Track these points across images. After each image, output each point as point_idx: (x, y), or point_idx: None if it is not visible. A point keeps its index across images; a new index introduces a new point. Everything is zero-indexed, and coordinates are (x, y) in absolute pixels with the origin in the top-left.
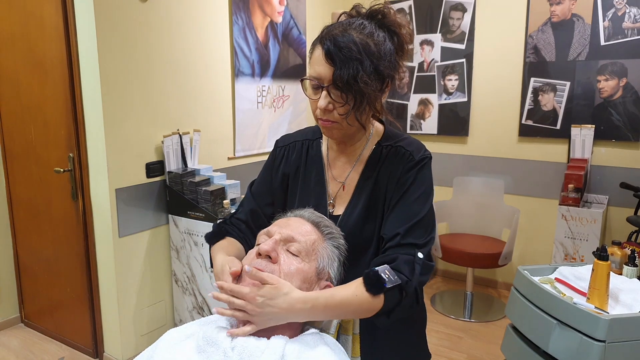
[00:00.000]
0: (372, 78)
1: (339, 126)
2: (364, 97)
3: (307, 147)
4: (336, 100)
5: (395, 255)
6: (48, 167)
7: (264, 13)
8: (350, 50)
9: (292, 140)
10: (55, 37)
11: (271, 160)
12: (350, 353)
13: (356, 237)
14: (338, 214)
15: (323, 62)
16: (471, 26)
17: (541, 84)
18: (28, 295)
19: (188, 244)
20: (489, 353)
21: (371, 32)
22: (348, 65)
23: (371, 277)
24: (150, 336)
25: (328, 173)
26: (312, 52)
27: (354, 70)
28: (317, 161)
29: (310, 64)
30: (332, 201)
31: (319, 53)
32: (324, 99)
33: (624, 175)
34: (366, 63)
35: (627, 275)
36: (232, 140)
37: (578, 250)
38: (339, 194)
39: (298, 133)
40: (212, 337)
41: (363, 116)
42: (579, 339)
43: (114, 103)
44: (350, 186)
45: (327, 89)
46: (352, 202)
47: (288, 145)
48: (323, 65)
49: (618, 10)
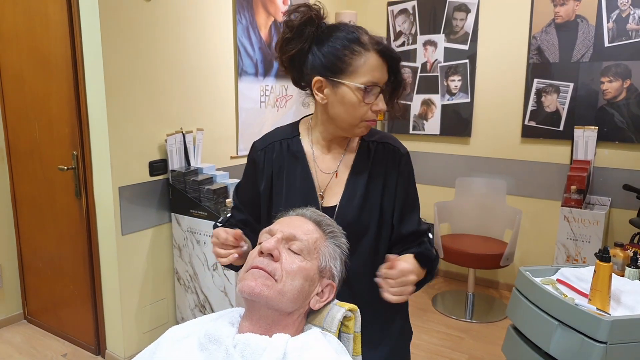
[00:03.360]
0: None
1: (375, 124)
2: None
3: (287, 145)
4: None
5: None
6: (52, 164)
7: (268, 12)
8: (399, 59)
9: (271, 141)
10: (60, 35)
11: (252, 165)
12: (351, 352)
13: (355, 225)
14: (329, 205)
15: (382, 68)
16: (474, 27)
17: (544, 85)
18: (31, 292)
19: (190, 242)
20: (490, 354)
21: None
22: (399, 70)
23: (424, 253)
24: (152, 334)
25: (314, 167)
26: (363, 57)
27: (402, 74)
28: (300, 157)
29: (362, 71)
30: (321, 193)
31: (375, 60)
32: (382, 101)
33: (627, 177)
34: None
35: (629, 277)
36: (235, 139)
37: (580, 252)
38: (328, 186)
39: (273, 134)
40: (214, 334)
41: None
42: (581, 340)
43: (118, 101)
44: (341, 178)
45: (382, 93)
46: (346, 193)
47: (266, 147)
48: (380, 71)
49: (622, 12)
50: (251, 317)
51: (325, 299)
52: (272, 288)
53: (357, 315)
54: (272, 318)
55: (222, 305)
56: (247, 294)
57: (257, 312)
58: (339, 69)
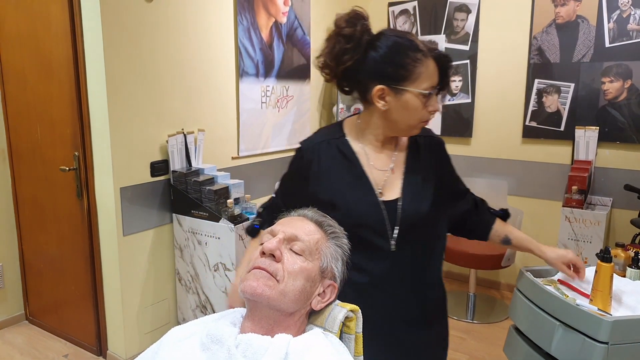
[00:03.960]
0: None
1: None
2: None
3: (336, 145)
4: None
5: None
6: (53, 165)
7: (269, 13)
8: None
9: (318, 141)
10: (62, 36)
11: (300, 164)
12: (353, 352)
13: (419, 215)
14: (390, 199)
15: (436, 71)
16: (475, 27)
17: (545, 86)
18: (33, 293)
19: (192, 243)
20: (491, 354)
21: None
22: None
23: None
24: (153, 334)
25: (367, 166)
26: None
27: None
28: (350, 157)
29: (424, 77)
30: (380, 190)
31: (432, 65)
32: (437, 102)
33: (628, 177)
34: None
35: (631, 277)
36: (236, 140)
37: (582, 252)
38: (385, 183)
39: (319, 134)
40: (216, 334)
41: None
42: (582, 341)
43: (120, 102)
44: (397, 173)
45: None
46: (406, 186)
47: (314, 145)
48: (436, 75)
49: (623, 12)
50: (253, 318)
51: (326, 299)
52: (273, 288)
53: (358, 316)
54: (274, 318)
55: (224, 306)
56: (249, 294)
57: (259, 313)
58: (403, 77)
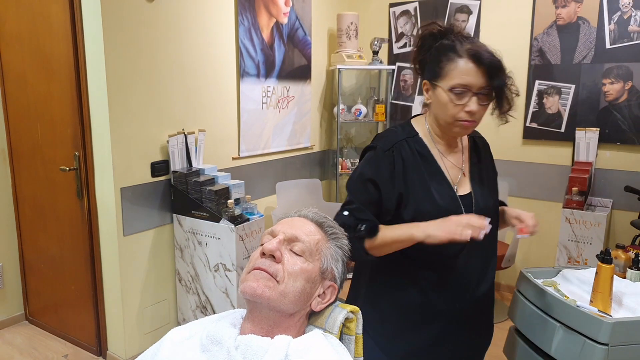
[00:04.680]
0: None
1: (475, 125)
2: (505, 99)
3: (412, 144)
4: (482, 103)
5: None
6: (54, 165)
7: (270, 14)
8: (499, 64)
9: (395, 141)
10: (62, 36)
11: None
12: (353, 353)
13: (488, 209)
14: (464, 194)
15: (474, 73)
16: (476, 28)
17: (546, 87)
18: (33, 293)
19: (192, 243)
20: (491, 355)
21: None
22: (498, 76)
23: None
24: (153, 334)
25: (442, 163)
26: (454, 63)
27: (502, 80)
28: (427, 155)
29: (452, 75)
30: (455, 186)
31: (468, 65)
32: (474, 103)
33: (629, 179)
34: (507, 73)
35: (631, 278)
36: (236, 141)
37: (582, 254)
38: (460, 178)
39: (391, 136)
40: (215, 336)
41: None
42: (582, 342)
43: (120, 102)
44: (465, 170)
45: (477, 95)
46: (473, 183)
47: (393, 146)
48: (474, 76)
49: (624, 14)
50: (253, 319)
51: (326, 300)
52: (273, 289)
53: (358, 317)
54: (274, 319)
55: (224, 307)
56: (249, 295)
57: (259, 314)
58: (436, 73)
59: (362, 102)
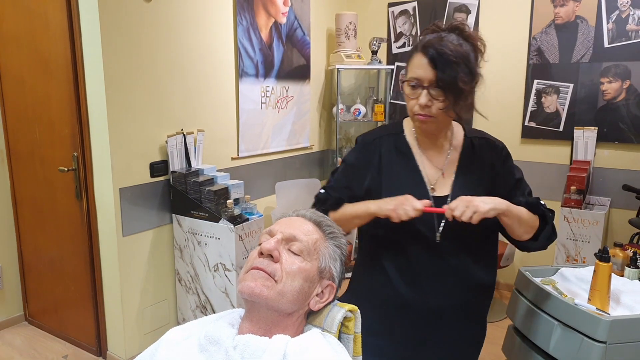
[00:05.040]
0: (468, 78)
1: (435, 120)
2: (462, 94)
3: (394, 140)
4: (436, 98)
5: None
6: (52, 166)
7: (268, 14)
8: (449, 56)
9: (378, 136)
10: (60, 36)
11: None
12: (351, 352)
13: None
14: (440, 195)
15: (424, 66)
16: (475, 28)
17: (544, 86)
18: (32, 294)
19: (191, 243)
20: (490, 354)
21: (460, 43)
22: (448, 68)
23: (532, 203)
24: (153, 335)
25: (421, 161)
26: (411, 58)
27: (454, 72)
28: (407, 153)
29: (409, 68)
30: (432, 186)
31: (419, 58)
32: (424, 96)
33: (627, 178)
34: (462, 66)
35: (629, 277)
36: (235, 141)
37: (580, 252)
38: (439, 179)
39: (379, 130)
40: (214, 335)
41: (460, 110)
42: (580, 340)
43: (118, 102)
44: (449, 171)
45: (427, 89)
46: (456, 184)
47: (374, 140)
48: (424, 69)
49: (622, 13)
50: (251, 318)
51: (325, 299)
52: (272, 289)
53: (357, 316)
54: (272, 319)
55: (224, 306)
56: (247, 294)
57: (257, 313)
58: (405, 69)
59: (361, 101)
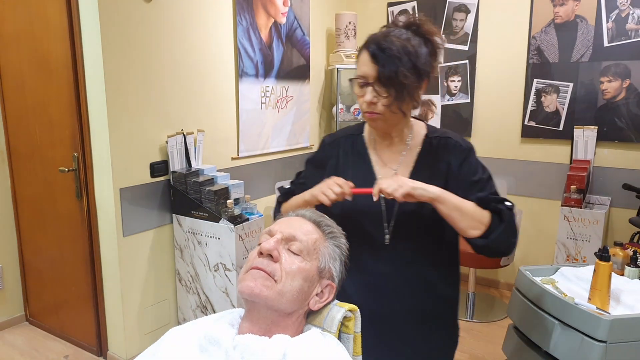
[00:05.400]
0: (410, 73)
1: (382, 117)
2: (404, 90)
3: (352, 141)
4: (380, 94)
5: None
6: (53, 166)
7: (268, 14)
8: (391, 51)
9: (338, 137)
10: (60, 37)
11: (322, 157)
12: (351, 352)
13: (416, 216)
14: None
15: (368, 62)
16: (474, 27)
17: (544, 85)
18: (33, 294)
19: (192, 243)
20: (490, 353)
21: (408, 38)
22: (389, 63)
23: (483, 197)
24: (153, 335)
25: (376, 163)
26: (359, 55)
27: (394, 66)
28: (362, 153)
29: (358, 65)
30: None
31: (363, 55)
32: (369, 93)
33: (627, 177)
34: (404, 60)
35: (629, 276)
36: (235, 141)
37: (580, 251)
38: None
39: (342, 131)
40: (214, 335)
41: (404, 106)
42: (580, 339)
43: (119, 103)
44: (403, 172)
45: (372, 85)
46: None
47: (333, 142)
48: (368, 65)
49: (622, 12)
50: (251, 318)
51: (324, 299)
52: (271, 289)
53: (357, 316)
54: (272, 319)
55: (224, 306)
56: (246, 294)
57: (257, 313)
58: None
59: None
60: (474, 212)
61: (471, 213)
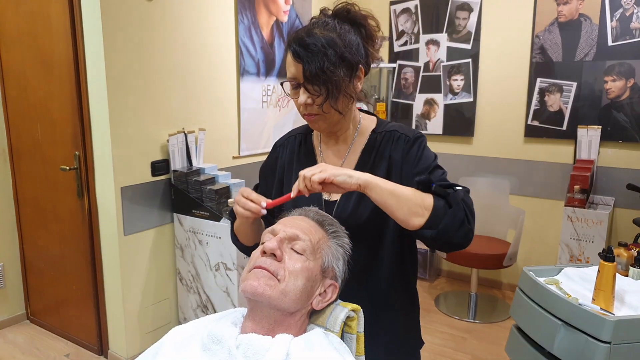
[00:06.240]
0: (338, 67)
1: (322, 117)
2: (334, 85)
3: (300, 141)
4: (312, 93)
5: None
6: (54, 165)
7: (270, 12)
8: (313, 46)
9: (287, 137)
10: (62, 36)
11: (272, 160)
12: (354, 352)
13: (352, 218)
14: (332, 199)
15: (293, 62)
16: (477, 26)
17: (547, 85)
18: (34, 292)
19: (193, 243)
20: (493, 354)
21: (334, 27)
22: (313, 60)
23: (422, 180)
24: (154, 334)
25: (322, 162)
26: (286, 56)
27: (319, 63)
28: (309, 153)
29: (286, 67)
30: None
31: (289, 56)
32: (302, 95)
33: (631, 177)
34: (330, 54)
35: (633, 276)
36: (237, 140)
37: (584, 252)
38: None
39: (292, 130)
40: (216, 335)
41: (338, 103)
42: (584, 340)
43: (120, 102)
44: None
45: (303, 86)
46: None
47: (283, 142)
48: (294, 66)
49: (626, 11)
50: (254, 317)
51: (327, 299)
52: (274, 288)
53: (360, 315)
54: (275, 318)
55: (225, 306)
56: (249, 293)
57: (260, 312)
58: None
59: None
60: (412, 196)
61: (409, 197)
